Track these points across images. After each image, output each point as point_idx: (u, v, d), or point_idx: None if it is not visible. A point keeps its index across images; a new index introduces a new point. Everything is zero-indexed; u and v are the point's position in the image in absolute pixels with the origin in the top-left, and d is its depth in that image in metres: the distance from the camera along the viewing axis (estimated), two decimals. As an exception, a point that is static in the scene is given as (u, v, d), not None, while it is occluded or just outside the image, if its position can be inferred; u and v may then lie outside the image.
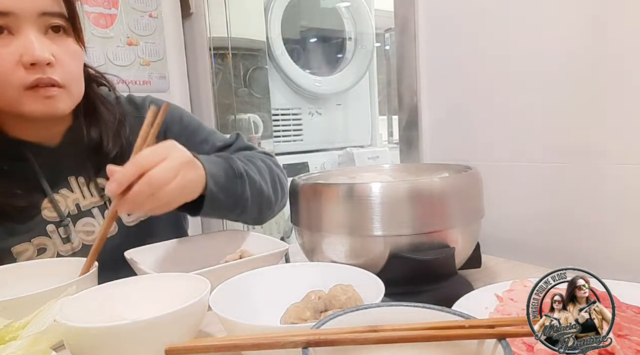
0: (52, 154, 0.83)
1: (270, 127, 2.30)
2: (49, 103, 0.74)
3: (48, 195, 0.81)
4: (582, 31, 0.81)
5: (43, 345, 0.43)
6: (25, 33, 0.69)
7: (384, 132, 3.05)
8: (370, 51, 2.70)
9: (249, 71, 2.22)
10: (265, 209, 0.87)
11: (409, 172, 0.85)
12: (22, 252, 0.78)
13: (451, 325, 0.38)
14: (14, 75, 0.70)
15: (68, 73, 0.75)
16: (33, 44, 0.69)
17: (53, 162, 0.83)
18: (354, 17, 2.66)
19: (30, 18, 0.69)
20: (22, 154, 0.80)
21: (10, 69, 0.70)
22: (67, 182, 0.84)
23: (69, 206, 0.83)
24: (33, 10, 0.70)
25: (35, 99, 0.72)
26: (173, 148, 0.68)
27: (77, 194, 0.84)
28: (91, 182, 0.86)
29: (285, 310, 0.55)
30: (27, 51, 0.69)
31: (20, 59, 0.69)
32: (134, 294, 0.59)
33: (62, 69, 0.74)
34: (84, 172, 0.85)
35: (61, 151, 0.84)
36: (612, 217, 0.81)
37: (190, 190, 0.71)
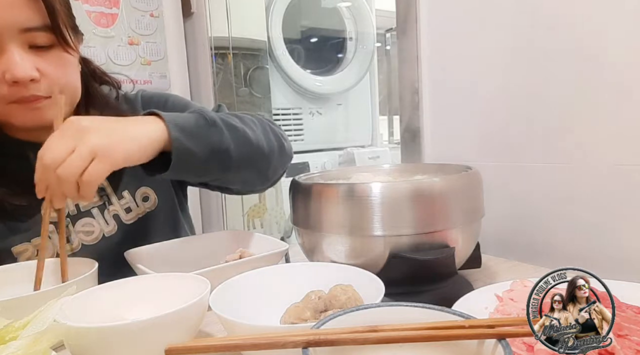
0: None
1: (271, 127, 2.29)
2: (38, 114, 0.73)
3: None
4: (582, 31, 0.81)
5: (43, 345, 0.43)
6: (8, 50, 0.68)
7: (385, 132, 3.05)
8: (371, 51, 2.70)
9: (250, 71, 2.22)
10: (260, 161, 0.78)
11: (410, 172, 0.85)
12: (22, 252, 0.78)
13: (451, 325, 0.38)
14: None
15: (55, 84, 0.74)
16: (16, 62, 0.68)
17: None
18: (355, 17, 2.66)
19: (12, 35, 0.68)
20: (24, 153, 0.79)
21: None
22: None
23: (68, 206, 0.83)
24: (14, 27, 0.68)
25: (22, 112, 0.72)
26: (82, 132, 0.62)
27: None
28: None
29: (285, 310, 0.55)
30: (8, 69, 0.68)
31: (3, 77, 0.68)
32: (134, 294, 0.59)
33: (49, 82, 0.72)
34: None
35: None
36: (612, 217, 0.81)
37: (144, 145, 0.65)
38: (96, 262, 0.68)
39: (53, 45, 0.73)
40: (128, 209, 0.88)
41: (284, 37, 2.36)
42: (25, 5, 0.68)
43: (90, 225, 0.84)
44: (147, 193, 0.90)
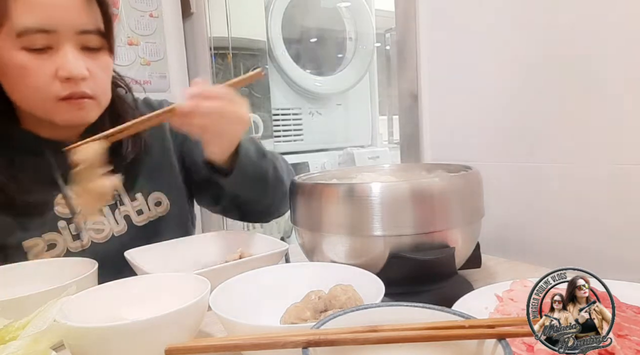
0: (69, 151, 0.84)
1: (271, 127, 2.30)
2: (80, 113, 0.77)
3: (62, 191, 0.82)
4: (582, 32, 0.81)
5: (43, 345, 0.43)
6: (63, 49, 0.72)
7: (385, 132, 3.05)
8: (370, 51, 2.70)
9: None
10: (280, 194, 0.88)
11: (409, 172, 0.85)
12: (32, 246, 0.79)
13: (451, 325, 0.38)
14: (50, 87, 0.73)
15: (99, 85, 0.78)
16: (70, 60, 0.72)
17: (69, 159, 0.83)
18: (355, 17, 2.66)
19: (70, 35, 0.73)
20: (40, 149, 0.81)
21: (47, 81, 0.73)
22: None
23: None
24: (73, 29, 0.73)
25: (68, 110, 0.76)
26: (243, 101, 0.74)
27: None
28: None
29: (285, 310, 0.55)
30: (63, 66, 0.72)
31: (57, 73, 0.73)
32: (134, 294, 0.59)
33: (94, 82, 0.77)
34: None
35: None
36: (612, 217, 0.81)
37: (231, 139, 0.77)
38: (96, 262, 0.68)
39: (101, 49, 0.77)
40: (140, 211, 0.89)
41: (284, 37, 2.36)
42: (84, 9, 0.73)
43: (101, 223, 0.85)
44: (160, 198, 0.92)
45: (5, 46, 0.71)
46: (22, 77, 0.73)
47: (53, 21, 0.71)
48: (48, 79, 0.73)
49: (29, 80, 0.73)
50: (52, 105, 0.75)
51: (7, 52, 0.71)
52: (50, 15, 0.70)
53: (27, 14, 0.69)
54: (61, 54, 0.72)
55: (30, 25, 0.69)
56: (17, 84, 0.74)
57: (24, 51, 0.71)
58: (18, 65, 0.72)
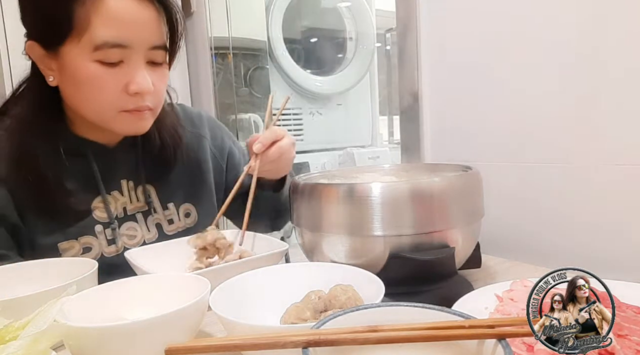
0: (110, 155, 0.86)
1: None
2: (140, 124, 0.80)
3: (101, 196, 0.83)
4: (582, 33, 0.81)
5: (43, 345, 0.43)
6: (134, 63, 0.74)
7: (385, 132, 3.05)
8: (371, 51, 2.70)
9: (250, 71, 2.22)
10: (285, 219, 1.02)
11: (410, 172, 0.85)
12: (67, 249, 0.80)
13: (451, 325, 0.38)
14: (117, 99, 0.75)
15: (159, 98, 0.81)
16: (141, 76, 0.75)
17: (110, 163, 0.85)
18: (355, 17, 2.66)
19: (142, 51, 0.74)
20: (83, 152, 0.82)
21: (116, 93, 0.74)
22: (119, 184, 0.86)
23: (117, 208, 0.85)
24: (146, 44, 0.74)
25: (130, 121, 0.78)
26: (286, 132, 0.86)
27: (125, 198, 0.87)
28: (139, 186, 0.88)
29: (285, 310, 0.55)
30: (134, 82, 0.74)
31: (127, 87, 0.74)
32: (134, 294, 0.59)
33: (156, 95, 0.79)
34: (134, 176, 0.88)
35: (118, 153, 0.87)
36: (612, 217, 0.81)
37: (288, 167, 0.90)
38: (96, 262, 0.68)
39: (163, 63, 0.79)
40: (170, 221, 0.91)
41: (284, 37, 2.36)
42: (157, 25, 0.75)
43: (133, 229, 0.86)
44: (190, 209, 0.93)
45: (80, 56, 0.72)
46: (91, 88, 0.74)
47: (130, 37, 0.72)
48: (117, 91, 0.74)
49: (98, 92, 0.74)
50: (115, 115, 0.76)
51: (81, 62, 0.72)
52: (128, 32, 0.72)
53: (107, 29, 0.70)
54: (132, 68, 0.74)
55: (109, 39, 0.71)
56: (85, 93, 0.75)
57: (97, 63, 0.72)
58: (90, 77, 0.73)
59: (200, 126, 1.00)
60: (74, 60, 0.72)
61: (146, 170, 0.89)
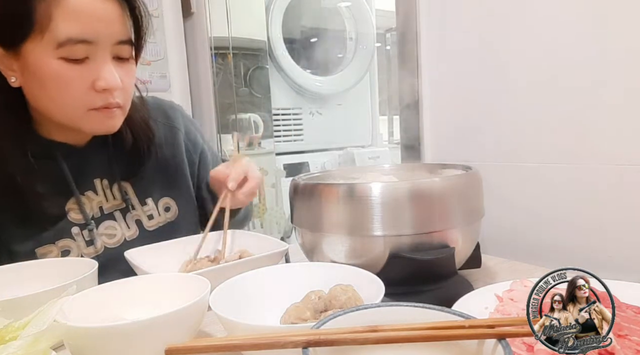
0: (80, 155, 0.84)
1: (271, 126, 2.30)
2: (110, 122, 0.78)
3: (75, 197, 0.81)
4: (582, 33, 0.81)
5: (43, 345, 0.43)
6: (100, 59, 0.72)
7: (385, 132, 3.05)
8: (371, 51, 2.70)
9: (250, 71, 2.22)
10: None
11: (410, 172, 0.85)
12: (46, 254, 0.79)
13: (451, 325, 0.38)
14: (84, 97, 0.73)
15: (127, 94, 0.79)
16: (108, 72, 0.73)
17: (80, 163, 0.84)
18: (355, 17, 2.66)
19: (107, 46, 0.73)
20: (51, 154, 0.80)
21: (83, 91, 0.72)
22: (92, 184, 0.85)
23: (93, 209, 0.84)
24: (111, 40, 0.73)
25: (99, 119, 0.76)
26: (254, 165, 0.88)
27: (100, 197, 0.85)
28: (114, 184, 0.87)
29: (285, 310, 0.55)
30: (101, 78, 0.72)
31: (94, 84, 0.72)
32: (134, 294, 0.59)
33: (125, 92, 0.77)
34: (108, 174, 0.86)
35: (88, 152, 0.85)
36: (611, 218, 0.81)
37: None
38: (96, 262, 0.67)
39: (129, 58, 0.78)
40: (150, 216, 0.89)
41: (284, 37, 2.36)
42: (120, 20, 0.73)
43: (112, 228, 0.85)
44: (169, 204, 0.92)
45: (43, 55, 0.70)
46: (57, 86, 0.72)
47: (94, 32, 0.70)
48: (84, 89, 0.72)
49: (64, 90, 0.72)
50: (82, 114, 0.74)
51: (44, 60, 0.70)
52: (92, 27, 0.70)
53: (70, 24, 0.68)
54: (98, 65, 0.72)
55: (73, 35, 0.69)
56: (51, 93, 0.73)
57: (61, 61, 0.70)
58: (55, 75, 0.71)
59: (174, 118, 0.97)
60: (37, 58, 0.70)
61: (120, 167, 0.87)
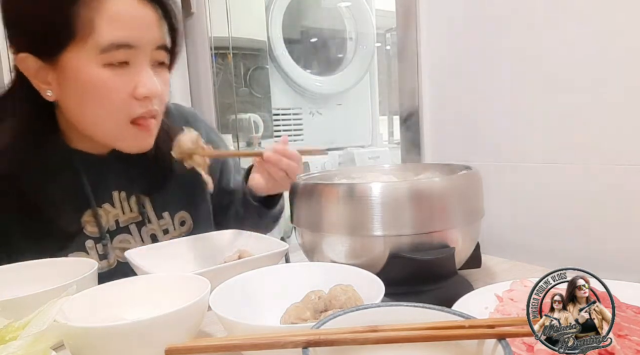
0: (101, 165, 0.82)
1: (271, 126, 2.30)
2: (146, 141, 0.77)
3: (92, 209, 0.79)
4: (583, 33, 0.81)
5: (43, 345, 0.43)
6: (140, 65, 0.71)
7: (385, 132, 3.05)
8: (371, 51, 2.70)
9: (250, 71, 2.22)
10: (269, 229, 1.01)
11: (410, 172, 0.85)
12: None
13: (451, 325, 0.38)
14: (125, 105, 0.71)
15: (163, 103, 0.77)
16: (150, 78, 0.71)
17: (100, 174, 0.82)
18: (355, 17, 2.66)
19: (147, 52, 0.71)
20: (72, 164, 0.78)
21: (124, 99, 0.71)
22: (110, 196, 0.83)
23: (109, 221, 0.82)
24: (151, 44, 0.71)
25: (137, 136, 0.75)
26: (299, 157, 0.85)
27: (117, 209, 0.83)
28: (132, 196, 0.85)
29: (285, 310, 0.55)
30: (143, 84, 0.71)
31: (134, 91, 0.71)
32: (134, 294, 0.59)
33: (160, 100, 0.75)
34: (126, 186, 0.84)
35: (109, 162, 0.83)
36: (611, 217, 0.81)
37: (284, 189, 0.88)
38: (96, 262, 0.67)
39: (164, 64, 0.76)
40: (166, 231, 0.88)
41: (284, 37, 2.36)
42: (158, 24, 0.72)
43: (127, 242, 0.84)
44: (185, 217, 0.91)
45: (85, 62, 0.68)
46: (100, 94, 0.70)
47: (136, 36, 0.69)
48: (125, 96, 0.71)
49: (107, 97, 0.70)
50: (121, 127, 0.73)
51: (87, 68, 0.68)
52: (133, 31, 0.69)
53: (113, 29, 0.67)
54: (138, 70, 0.71)
55: (116, 40, 0.67)
56: (92, 102, 0.71)
57: (104, 67, 0.68)
58: (98, 82, 0.69)
59: (196, 128, 0.92)
60: (79, 66, 0.68)
61: (140, 179, 0.85)
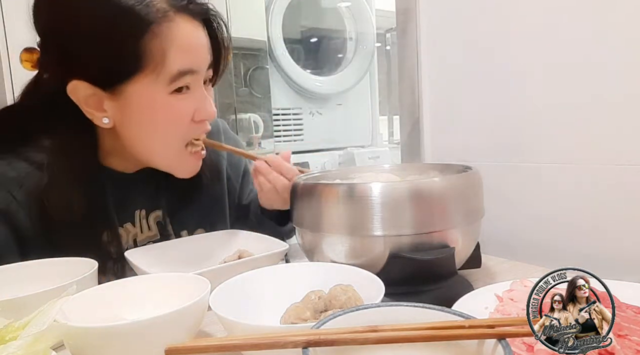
0: (128, 184, 0.81)
1: (271, 126, 2.30)
2: (197, 164, 0.77)
3: (112, 229, 0.78)
4: (583, 33, 0.81)
5: (43, 345, 0.43)
6: (199, 88, 0.72)
7: (385, 132, 3.05)
8: (371, 51, 2.70)
9: (250, 71, 2.22)
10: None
11: (410, 172, 0.85)
12: None
13: (451, 325, 0.38)
14: (188, 130, 0.73)
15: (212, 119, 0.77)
16: (208, 100, 0.72)
17: (126, 194, 0.81)
18: (355, 17, 2.66)
19: (203, 73, 0.72)
20: (99, 182, 0.77)
21: (188, 124, 0.72)
22: (132, 215, 0.82)
23: (128, 241, 0.82)
24: (206, 66, 0.73)
25: (190, 159, 0.76)
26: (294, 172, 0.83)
27: (137, 229, 0.83)
28: (151, 214, 0.84)
29: (285, 310, 0.55)
30: (202, 107, 0.72)
31: (194, 115, 0.72)
32: (134, 294, 0.59)
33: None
34: (147, 204, 0.84)
35: (137, 181, 0.82)
36: (611, 217, 0.81)
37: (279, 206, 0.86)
38: (96, 262, 0.67)
39: (209, 81, 0.77)
40: None
41: (284, 37, 2.36)
42: (208, 45, 0.73)
43: None
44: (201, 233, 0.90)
45: (155, 91, 0.69)
46: (168, 121, 0.71)
47: (198, 61, 0.71)
48: (189, 121, 0.72)
49: (173, 123, 0.71)
50: (178, 151, 0.74)
51: (158, 97, 0.69)
52: (196, 57, 0.70)
53: (181, 58, 0.68)
54: (198, 94, 0.72)
55: (184, 68, 0.69)
56: (161, 129, 0.72)
57: (172, 95, 0.70)
58: (169, 110, 0.70)
59: (218, 138, 0.93)
60: (147, 95, 0.69)
61: (167, 198, 0.85)
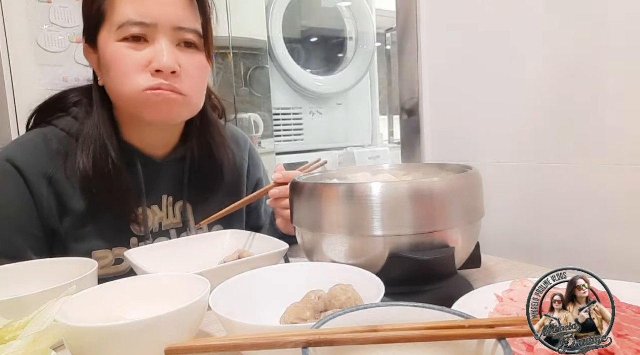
0: (157, 168, 0.87)
1: (271, 126, 2.30)
2: (168, 109, 0.78)
3: (142, 209, 0.84)
4: (583, 33, 0.81)
5: (43, 345, 0.43)
6: (158, 42, 0.76)
7: (385, 132, 3.05)
8: (371, 51, 2.70)
9: (250, 71, 2.22)
10: None
11: (410, 172, 0.85)
12: (101, 258, 0.80)
13: (451, 325, 0.38)
14: (139, 77, 0.76)
15: (191, 83, 0.79)
16: (163, 53, 0.75)
17: (155, 176, 0.86)
18: (355, 17, 2.66)
19: (167, 30, 0.76)
20: (131, 160, 0.83)
21: (138, 71, 0.76)
22: (160, 199, 0.87)
23: (154, 223, 0.86)
24: (170, 24, 0.76)
25: (154, 102, 0.77)
26: None
27: (163, 213, 0.88)
28: (177, 202, 0.89)
29: (285, 310, 0.55)
30: (156, 59, 0.75)
31: (149, 65, 0.76)
32: (134, 294, 0.59)
33: (186, 79, 0.79)
34: (174, 193, 0.89)
35: (165, 167, 0.88)
36: (611, 218, 0.81)
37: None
38: (96, 262, 0.67)
39: (198, 50, 0.80)
40: None
41: (284, 37, 2.36)
42: (182, 6, 0.77)
43: None
44: (219, 230, 0.93)
45: (108, 39, 0.76)
46: (116, 65, 0.76)
47: (151, 15, 0.75)
48: (139, 69, 0.75)
49: (122, 71, 0.75)
50: (138, 95, 0.76)
51: (109, 44, 0.76)
52: (149, 9, 0.75)
53: (128, 8, 0.74)
54: (156, 47, 0.76)
55: (131, 18, 0.74)
56: (114, 75, 0.77)
57: (121, 43, 0.75)
58: (115, 57, 0.75)
59: (244, 149, 1.01)
60: (105, 44, 0.76)
61: (190, 187, 0.89)
